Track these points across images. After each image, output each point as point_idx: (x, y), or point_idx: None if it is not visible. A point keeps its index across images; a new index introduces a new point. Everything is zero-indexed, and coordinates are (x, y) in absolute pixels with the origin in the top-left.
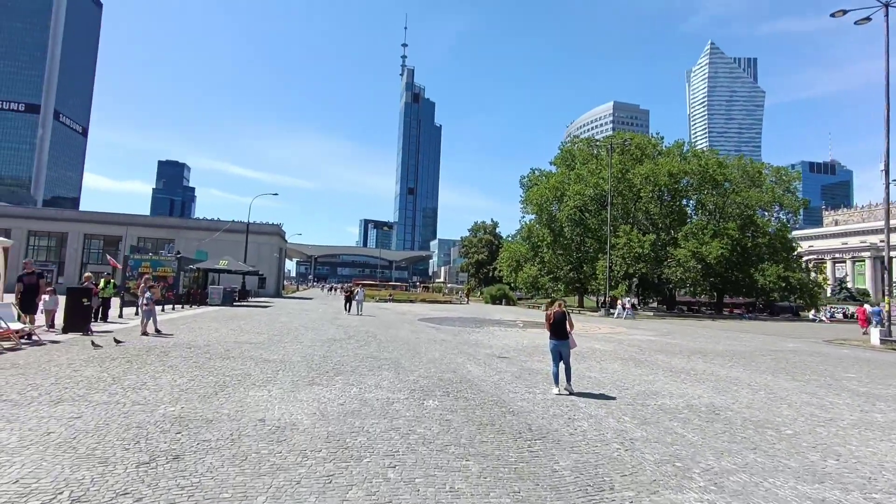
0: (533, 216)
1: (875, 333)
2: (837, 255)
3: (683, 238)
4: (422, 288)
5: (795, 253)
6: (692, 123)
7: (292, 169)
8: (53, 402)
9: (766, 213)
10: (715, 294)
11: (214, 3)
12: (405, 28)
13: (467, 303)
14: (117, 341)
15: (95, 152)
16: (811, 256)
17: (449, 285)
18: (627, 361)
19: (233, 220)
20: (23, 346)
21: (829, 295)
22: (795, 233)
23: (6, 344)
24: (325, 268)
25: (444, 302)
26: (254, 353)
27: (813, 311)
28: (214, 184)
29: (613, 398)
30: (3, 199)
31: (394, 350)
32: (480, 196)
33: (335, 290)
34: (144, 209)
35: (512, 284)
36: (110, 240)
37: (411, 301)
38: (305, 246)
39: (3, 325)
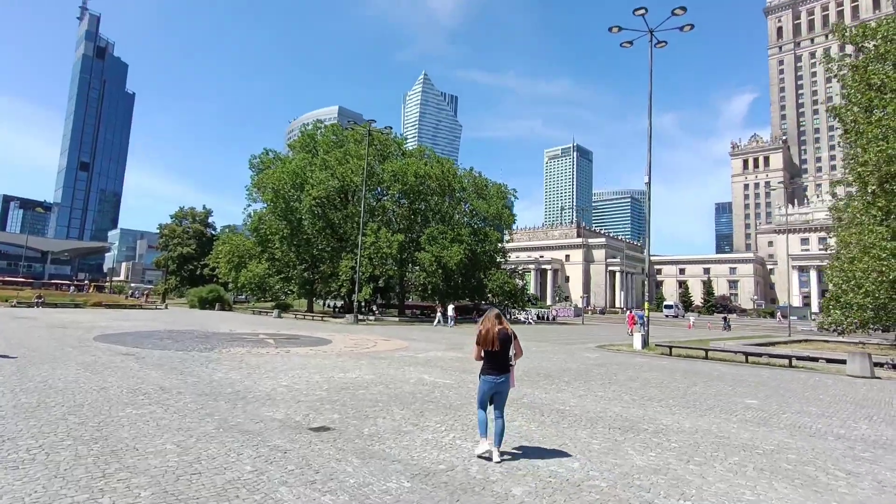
0: (264, 205)
1: (638, 339)
2: (511, 266)
3: (426, 241)
4: (94, 288)
5: (502, 262)
6: (406, 142)
7: None
8: None
9: (487, 224)
10: (436, 298)
11: None
12: None
13: (165, 307)
14: None
15: None
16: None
17: (133, 284)
18: (509, 406)
19: None
20: None
21: None
22: None
23: None
24: None
25: (132, 307)
26: None
27: (524, 314)
28: None
29: None
30: None
31: (38, 450)
32: (185, 186)
33: None
34: None
35: (230, 285)
36: None
37: (77, 305)
38: None
39: None
